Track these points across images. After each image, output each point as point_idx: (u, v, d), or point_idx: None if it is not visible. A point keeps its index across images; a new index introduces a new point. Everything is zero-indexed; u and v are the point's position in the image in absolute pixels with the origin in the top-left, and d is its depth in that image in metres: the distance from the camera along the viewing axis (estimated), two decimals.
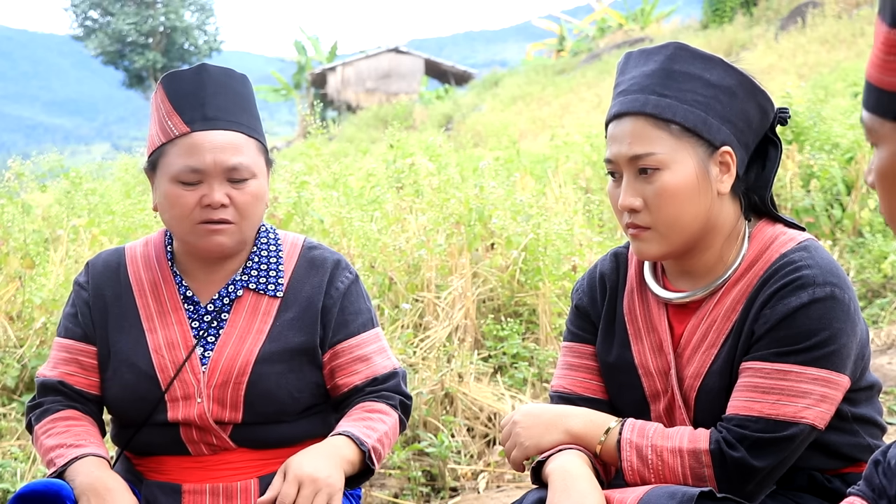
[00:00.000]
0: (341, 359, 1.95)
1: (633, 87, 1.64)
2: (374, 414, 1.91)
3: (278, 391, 1.90)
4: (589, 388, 1.79)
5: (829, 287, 1.56)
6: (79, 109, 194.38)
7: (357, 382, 1.95)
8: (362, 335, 1.97)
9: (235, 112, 1.90)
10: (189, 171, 1.85)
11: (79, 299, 1.98)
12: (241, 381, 1.88)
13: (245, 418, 1.89)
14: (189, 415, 1.88)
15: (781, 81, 12.36)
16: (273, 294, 1.95)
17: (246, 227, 1.90)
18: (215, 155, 1.85)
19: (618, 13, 33.66)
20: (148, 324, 1.93)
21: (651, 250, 1.65)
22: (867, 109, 1.00)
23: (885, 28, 0.96)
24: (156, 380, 1.90)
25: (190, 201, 1.85)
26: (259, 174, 1.90)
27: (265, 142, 1.97)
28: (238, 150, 1.87)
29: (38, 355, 3.92)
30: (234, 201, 1.86)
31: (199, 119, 1.87)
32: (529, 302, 4.58)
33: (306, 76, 37.63)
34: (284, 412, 1.91)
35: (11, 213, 4.81)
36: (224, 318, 1.93)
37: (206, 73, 1.90)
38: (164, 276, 1.96)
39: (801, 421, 1.54)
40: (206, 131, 1.86)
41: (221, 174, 1.85)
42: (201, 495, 1.89)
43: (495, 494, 3.29)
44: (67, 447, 1.86)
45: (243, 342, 1.91)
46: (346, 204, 5.03)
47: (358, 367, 1.95)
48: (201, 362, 1.91)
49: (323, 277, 1.97)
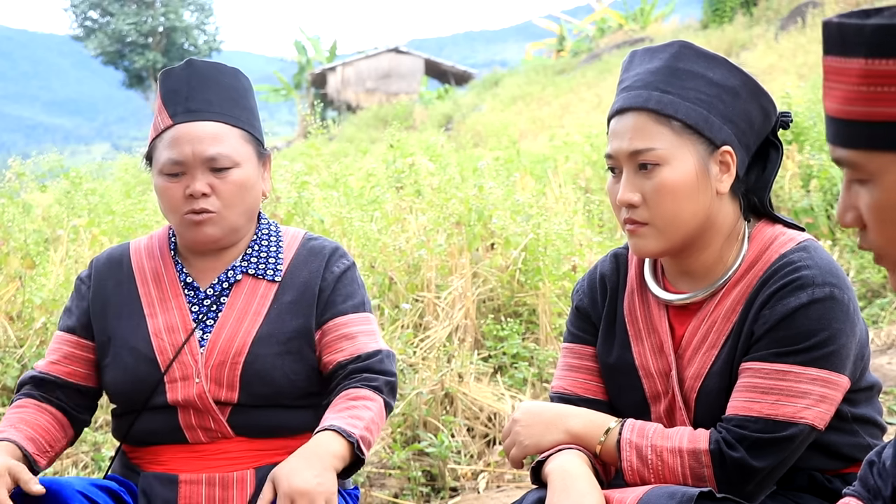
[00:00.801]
0: (328, 336, 1.97)
1: (637, 83, 1.64)
2: (359, 402, 1.91)
3: (274, 372, 1.92)
4: (589, 389, 1.79)
5: (828, 287, 1.56)
6: (79, 109, 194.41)
7: (341, 359, 1.95)
8: (351, 315, 1.98)
9: (221, 104, 1.94)
10: (171, 163, 1.91)
11: (78, 294, 2.04)
12: (238, 361, 1.91)
13: (242, 399, 1.91)
14: (188, 395, 1.91)
15: (781, 81, 12.36)
16: (272, 279, 1.98)
17: (232, 216, 1.93)
18: (193, 146, 1.89)
19: (617, 13, 33.65)
20: (149, 309, 1.97)
21: (648, 246, 1.65)
22: (851, 147, 0.97)
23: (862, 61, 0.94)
24: (155, 362, 1.93)
25: (176, 193, 1.91)
26: (243, 163, 1.93)
27: (257, 131, 2.00)
28: (217, 139, 1.91)
29: (38, 355, 3.92)
30: (217, 190, 1.90)
31: (182, 112, 1.92)
32: (529, 302, 4.58)
33: (306, 76, 37.63)
34: (281, 394, 1.93)
35: (11, 213, 4.81)
36: (223, 302, 1.97)
37: (193, 68, 1.96)
38: (166, 265, 2.01)
39: (800, 421, 1.54)
40: (187, 123, 1.91)
41: (201, 164, 1.90)
42: (197, 485, 1.91)
43: (495, 494, 3.29)
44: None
45: (241, 324, 1.94)
46: (346, 204, 5.03)
47: (343, 345, 1.96)
48: (200, 344, 1.94)
49: (321, 263, 2.00)
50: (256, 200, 1.98)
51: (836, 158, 1.00)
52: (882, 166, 0.95)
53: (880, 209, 0.97)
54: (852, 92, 0.95)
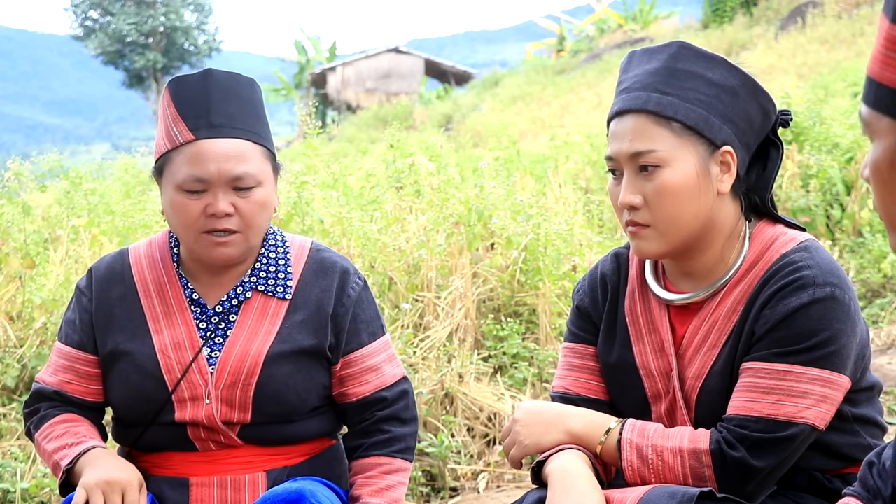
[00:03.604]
0: (352, 368, 1.96)
1: (636, 84, 1.64)
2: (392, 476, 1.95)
3: (286, 392, 1.90)
4: (590, 389, 1.79)
5: (829, 287, 1.56)
6: (79, 109, 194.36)
7: (366, 393, 1.96)
8: (373, 344, 1.98)
9: (242, 118, 1.87)
10: (193, 181, 1.83)
11: (79, 305, 1.98)
12: (251, 382, 1.88)
13: (254, 419, 1.90)
14: (197, 415, 1.88)
15: (781, 81, 12.36)
16: (282, 296, 1.94)
17: (251, 236, 1.88)
18: (219, 164, 1.83)
19: (617, 13, 33.64)
20: (154, 325, 1.92)
21: (650, 248, 1.65)
22: (866, 104, 1.01)
23: (888, 23, 0.97)
24: (162, 381, 1.89)
25: (195, 210, 1.84)
26: (265, 181, 1.88)
27: (273, 147, 1.95)
28: (243, 158, 1.85)
29: (38, 355, 3.92)
30: (239, 210, 1.85)
31: (204, 126, 1.84)
32: (529, 302, 4.58)
33: (306, 76, 37.63)
34: (293, 412, 1.92)
35: (11, 214, 4.81)
36: (232, 320, 1.93)
37: (213, 79, 1.87)
38: (170, 278, 1.95)
39: (801, 421, 1.54)
40: (211, 139, 1.84)
41: (226, 183, 1.83)
42: (209, 488, 1.89)
43: (495, 494, 3.29)
44: (70, 447, 1.86)
45: (252, 343, 1.90)
46: (345, 204, 5.03)
47: (368, 377, 1.97)
48: (209, 363, 1.90)
49: (332, 282, 1.97)
50: (271, 216, 1.94)
51: (859, 114, 1.03)
52: (882, 130, 0.98)
53: (874, 169, 1.00)
54: (879, 52, 0.98)
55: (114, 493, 1.74)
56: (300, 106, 7.13)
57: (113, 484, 1.75)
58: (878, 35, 0.99)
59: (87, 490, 1.75)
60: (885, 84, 0.97)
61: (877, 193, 1.02)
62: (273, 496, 1.80)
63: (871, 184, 1.02)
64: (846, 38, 17.91)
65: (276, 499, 1.79)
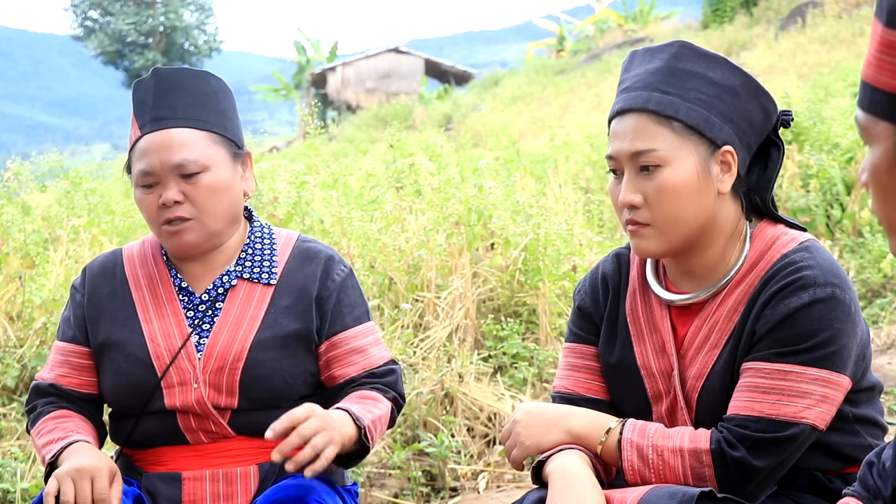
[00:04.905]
0: (337, 350, 1.98)
1: (637, 84, 1.64)
2: (369, 400, 1.93)
3: (273, 376, 1.92)
4: (591, 389, 1.79)
5: (829, 288, 1.56)
6: (79, 109, 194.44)
7: (353, 374, 1.97)
8: (357, 327, 2.00)
9: (185, 109, 1.92)
10: (142, 175, 1.90)
11: (73, 302, 2.03)
12: (237, 367, 1.91)
13: (241, 404, 1.92)
14: (186, 400, 1.91)
15: (781, 81, 12.36)
16: (267, 282, 1.98)
17: (209, 221, 1.92)
18: (160, 155, 1.89)
19: (617, 13, 33.64)
20: (144, 314, 1.97)
21: (650, 247, 1.65)
22: (862, 109, 1.01)
23: (881, 28, 0.97)
24: (152, 367, 1.93)
25: (152, 204, 1.91)
26: (214, 165, 1.91)
27: (230, 132, 1.97)
28: (183, 145, 1.89)
29: (38, 355, 3.92)
30: (189, 197, 1.89)
31: (149, 122, 1.91)
32: (529, 302, 4.58)
33: (306, 76, 37.62)
34: (280, 398, 1.93)
35: (11, 213, 4.81)
36: (219, 307, 1.97)
37: (159, 76, 1.95)
38: (160, 270, 2.00)
39: (801, 421, 1.54)
40: (153, 132, 1.90)
41: (170, 172, 1.89)
42: (201, 481, 1.91)
43: (495, 494, 3.29)
44: (56, 441, 1.89)
45: (238, 329, 1.94)
46: (345, 204, 5.03)
47: (354, 359, 1.98)
48: (197, 349, 1.94)
49: (317, 268, 1.99)
50: (236, 201, 1.96)
51: (855, 118, 1.03)
52: (879, 134, 0.98)
53: (872, 174, 1.00)
54: (872, 56, 0.98)
55: (83, 481, 1.74)
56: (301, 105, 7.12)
57: (82, 471, 1.75)
58: (872, 39, 0.99)
59: (57, 479, 1.76)
60: (881, 88, 0.97)
61: (876, 198, 1.01)
62: (274, 496, 1.80)
63: (869, 189, 1.02)
64: (846, 38, 17.91)
65: (279, 498, 1.79)
